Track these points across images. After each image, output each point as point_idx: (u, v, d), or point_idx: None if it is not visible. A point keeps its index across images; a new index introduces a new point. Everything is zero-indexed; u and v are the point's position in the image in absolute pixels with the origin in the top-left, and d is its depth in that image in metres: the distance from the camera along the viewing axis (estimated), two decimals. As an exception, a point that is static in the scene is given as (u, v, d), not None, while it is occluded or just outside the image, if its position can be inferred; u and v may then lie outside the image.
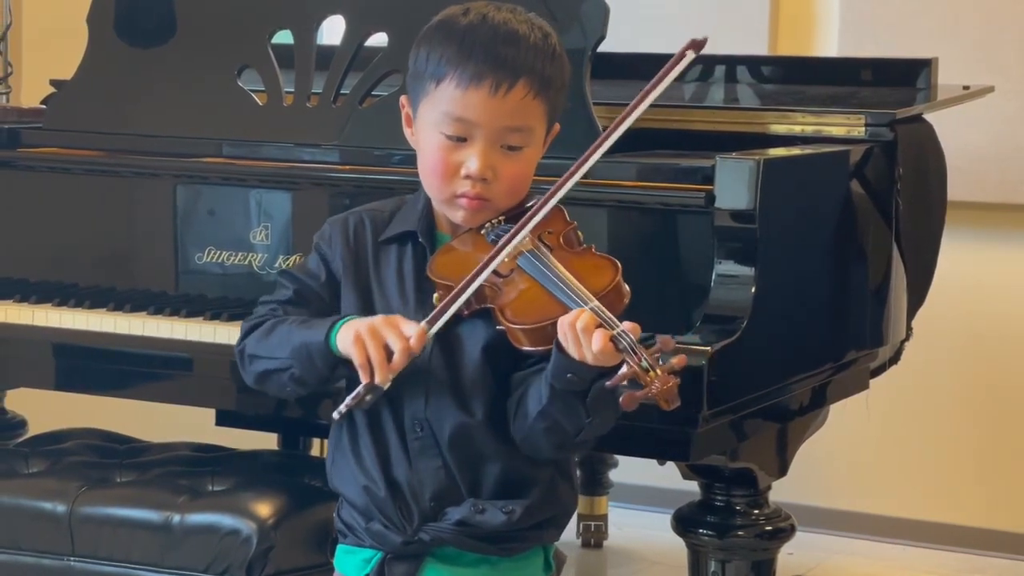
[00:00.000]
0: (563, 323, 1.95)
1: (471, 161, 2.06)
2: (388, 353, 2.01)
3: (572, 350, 1.94)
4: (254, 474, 2.84)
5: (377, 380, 2.01)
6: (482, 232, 2.10)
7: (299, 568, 2.68)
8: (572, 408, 1.99)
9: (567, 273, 2.02)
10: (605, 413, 2.01)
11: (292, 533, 2.67)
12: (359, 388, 2.03)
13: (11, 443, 3.19)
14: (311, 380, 2.11)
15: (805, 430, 2.79)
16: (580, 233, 2.13)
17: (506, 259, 2.04)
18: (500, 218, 2.10)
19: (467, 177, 2.07)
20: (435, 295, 2.08)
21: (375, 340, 2.01)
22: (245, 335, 2.17)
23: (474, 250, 2.07)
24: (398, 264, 2.14)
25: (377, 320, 2.03)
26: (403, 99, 2.16)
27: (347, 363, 2.05)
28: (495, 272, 2.05)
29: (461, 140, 2.07)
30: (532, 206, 2.09)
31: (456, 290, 2.03)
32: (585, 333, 1.92)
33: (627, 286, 2.03)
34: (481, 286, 2.05)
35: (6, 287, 3.04)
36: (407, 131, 2.16)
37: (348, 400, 2.04)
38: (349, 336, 2.03)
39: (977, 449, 4.23)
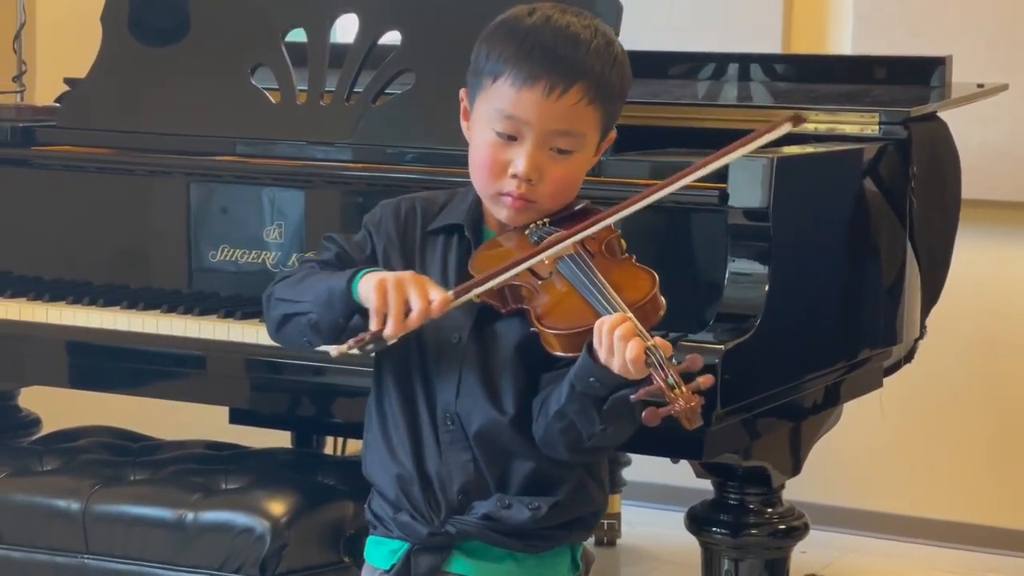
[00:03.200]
0: (602, 325, 1.95)
1: (519, 161, 2.07)
2: (407, 309, 2.00)
3: (603, 353, 1.94)
4: (268, 472, 2.84)
5: (387, 332, 2.00)
6: (526, 232, 2.10)
7: (312, 566, 2.68)
8: (587, 412, 2.00)
9: (605, 282, 2.02)
10: (620, 424, 2.01)
11: (306, 531, 2.67)
12: (365, 333, 2.01)
13: (25, 441, 3.20)
14: (326, 327, 2.09)
15: (819, 428, 2.78)
16: (623, 242, 2.13)
17: (546, 261, 2.04)
18: (546, 219, 2.10)
19: (513, 176, 2.07)
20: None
21: (398, 292, 2.00)
22: (277, 282, 2.17)
23: (516, 249, 2.07)
24: (443, 255, 2.14)
25: (406, 274, 2.03)
26: (462, 92, 2.17)
27: (364, 313, 2.04)
28: (534, 273, 2.05)
29: (511, 139, 2.08)
30: (580, 210, 2.10)
31: (489, 273, 2.03)
32: (622, 340, 1.92)
33: (663, 299, 2.03)
34: (519, 286, 2.05)
35: (20, 285, 3.05)
36: (463, 124, 2.17)
37: (351, 341, 2.02)
38: (372, 282, 2.02)
39: (991, 447, 4.23)
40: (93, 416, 3.21)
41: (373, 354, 2.06)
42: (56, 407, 3.38)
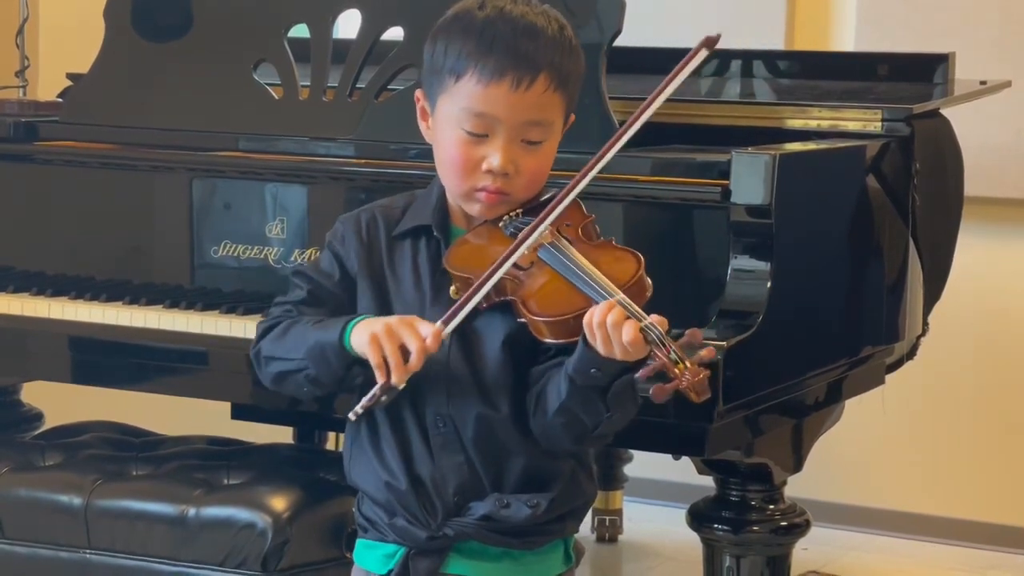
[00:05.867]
0: (590, 320, 1.94)
1: (493, 157, 2.06)
2: (404, 353, 2.00)
3: (600, 346, 1.94)
4: (270, 468, 2.85)
5: (393, 381, 2.01)
6: (500, 225, 2.10)
7: (314, 562, 2.69)
8: (591, 403, 1.99)
9: (590, 265, 2.02)
10: (625, 407, 2.01)
11: (308, 527, 2.68)
12: (375, 389, 2.02)
13: (28, 436, 3.20)
14: (326, 380, 2.10)
15: (820, 425, 2.78)
16: (597, 227, 2.13)
17: (526, 252, 2.04)
18: (518, 211, 2.10)
19: (488, 172, 2.06)
20: (452, 288, 2.08)
21: (391, 340, 2.00)
22: (260, 336, 2.17)
23: (490, 242, 2.07)
24: (413, 258, 2.13)
25: (393, 320, 2.03)
26: (418, 93, 2.16)
27: (363, 362, 2.05)
28: (515, 265, 2.04)
29: (482, 136, 2.06)
30: (549, 198, 2.09)
31: (473, 288, 2.03)
32: (615, 328, 1.92)
33: (649, 279, 2.03)
34: (501, 278, 2.04)
35: (23, 280, 3.05)
36: (422, 125, 2.16)
37: (364, 401, 2.03)
38: (364, 336, 2.02)
39: (993, 444, 4.22)
40: (95, 411, 3.21)
41: (387, 404, 2.06)
42: (58, 402, 3.38)
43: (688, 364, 1.89)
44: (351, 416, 2.06)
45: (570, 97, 2.12)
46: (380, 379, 2.01)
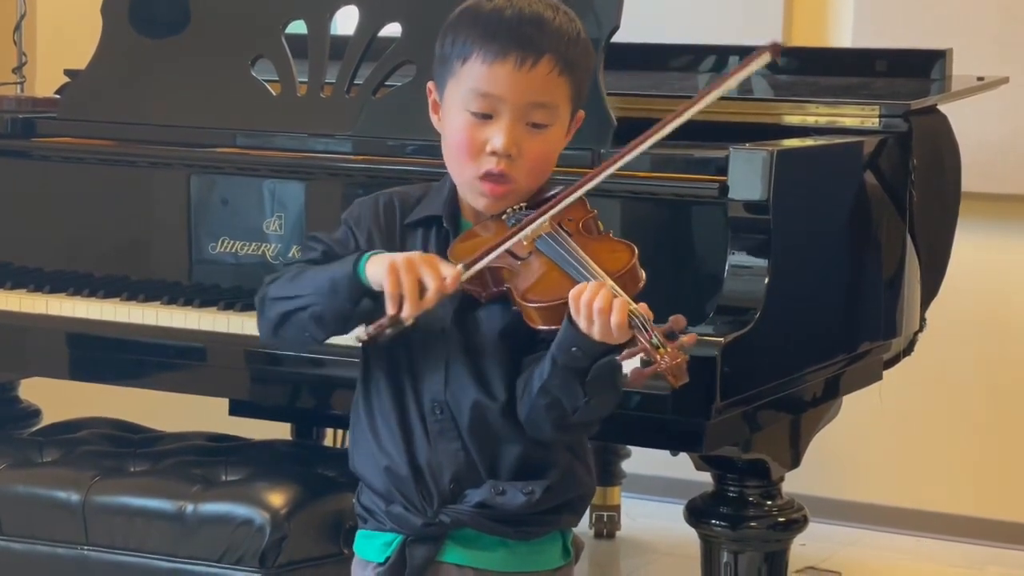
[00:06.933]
0: (576, 295, 1.96)
1: (496, 137, 2.07)
2: (421, 289, 2.00)
3: (582, 323, 1.96)
4: (267, 464, 2.85)
5: (404, 313, 2.00)
6: (503, 218, 2.11)
7: (312, 558, 2.69)
8: (570, 385, 2.01)
9: (584, 255, 2.04)
10: (604, 395, 2.02)
11: (305, 523, 2.68)
12: (383, 318, 2.01)
13: (26, 432, 3.20)
14: (331, 316, 2.08)
15: (818, 421, 2.79)
16: (600, 223, 2.14)
17: (525, 242, 2.06)
18: (522, 204, 2.11)
19: (492, 153, 2.08)
20: None
21: (410, 273, 2.00)
22: (268, 285, 2.15)
23: (495, 236, 2.09)
24: (423, 247, 2.15)
25: (415, 254, 2.04)
26: (430, 85, 2.18)
27: (372, 296, 2.04)
28: (513, 254, 2.06)
29: (487, 117, 2.08)
30: (556, 193, 2.10)
31: (496, 242, 2.04)
32: (602, 312, 1.93)
33: (643, 271, 2.04)
34: (500, 267, 2.06)
35: (20, 276, 3.05)
36: (433, 117, 2.18)
37: (369, 328, 2.02)
38: (383, 265, 2.01)
39: (990, 440, 4.23)
40: (93, 407, 3.21)
41: (391, 338, 2.05)
42: (56, 398, 3.38)
43: (668, 349, 1.91)
44: (356, 339, 2.05)
45: (577, 87, 2.13)
46: (391, 310, 2.00)
